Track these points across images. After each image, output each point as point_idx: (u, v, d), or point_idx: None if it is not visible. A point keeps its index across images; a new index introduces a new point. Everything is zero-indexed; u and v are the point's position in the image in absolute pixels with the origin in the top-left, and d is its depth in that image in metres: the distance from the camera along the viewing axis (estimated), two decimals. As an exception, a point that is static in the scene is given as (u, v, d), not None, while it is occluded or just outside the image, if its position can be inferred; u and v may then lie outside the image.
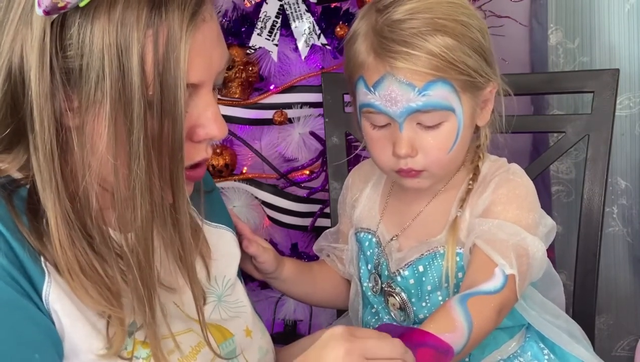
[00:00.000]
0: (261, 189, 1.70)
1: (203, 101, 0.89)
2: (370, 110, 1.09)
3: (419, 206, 1.18)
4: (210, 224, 1.09)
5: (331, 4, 1.66)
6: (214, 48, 0.89)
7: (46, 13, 0.79)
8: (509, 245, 1.06)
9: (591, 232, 1.42)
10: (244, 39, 1.65)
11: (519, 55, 1.98)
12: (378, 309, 1.20)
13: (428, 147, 1.08)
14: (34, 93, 0.83)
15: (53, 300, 0.86)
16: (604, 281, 1.77)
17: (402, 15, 1.05)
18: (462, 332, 0.99)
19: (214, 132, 0.91)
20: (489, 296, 1.03)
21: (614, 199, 1.97)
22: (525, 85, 1.49)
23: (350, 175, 1.31)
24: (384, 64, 1.05)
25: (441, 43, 1.04)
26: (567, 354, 1.15)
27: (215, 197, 1.15)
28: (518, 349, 1.15)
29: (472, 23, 1.07)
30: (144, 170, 0.84)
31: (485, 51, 1.09)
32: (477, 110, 1.11)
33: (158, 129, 0.84)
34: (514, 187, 1.11)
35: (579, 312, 1.41)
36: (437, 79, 1.04)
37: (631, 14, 1.90)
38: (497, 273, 1.04)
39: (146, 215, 0.86)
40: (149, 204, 0.86)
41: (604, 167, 1.41)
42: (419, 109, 1.05)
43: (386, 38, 1.05)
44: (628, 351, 2.03)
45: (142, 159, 0.84)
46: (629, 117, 1.94)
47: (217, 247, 1.08)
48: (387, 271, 1.17)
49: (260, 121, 1.69)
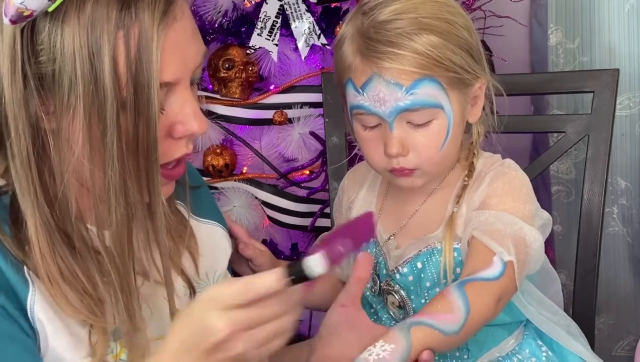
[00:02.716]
0: (261, 189, 1.70)
1: (181, 98, 0.89)
2: (360, 111, 1.09)
3: (415, 204, 1.18)
4: (199, 220, 1.09)
5: (331, 4, 1.66)
6: (188, 45, 0.88)
7: (12, 22, 0.79)
8: (507, 233, 1.06)
9: (591, 232, 1.42)
10: (244, 39, 1.65)
11: (519, 55, 1.98)
12: (377, 309, 1.21)
13: (419, 145, 1.08)
14: (7, 100, 0.83)
15: (38, 309, 0.86)
16: (604, 281, 1.77)
17: (387, 16, 1.06)
18: (459, 314, 0.99)
19: (194, 128, 0.90)
20: (487, 282, 1.03)
21: (614, 199, 1.97)
22: (525, 85, 1.49)
23: (345, 177, 1.31)
24: (370, 65, 1.06)
25: (426, 42, 1.04)
26: (565, 351, 1.16)
27: (204, 193, 1.15)
28: (516, 346, 1.15)
29: (457, 21, 1.08)
30: (117, 172, 0.84)
31: (471, 48, 1.09)
32: (467, 107, 1.12)
33: (132, 130, 0.84)
34: (510, 180, 1.12)
35: (579, 312, 1.41)
36: (423, 77, 1.05)
37: (631, 14, 1.90)
38: (495, 261, 1.04)
39: (121, 217, 0.86)
40: (123, 206, 0.86)
41: (604, 167, 1.41)
42: (407, 108, 1.06)
43: (372, 39, 1.06)
44: (628, 351, 2.03)
45: (116, 161, 0.84)
46: (629, 117, 1.94)
47: (207, 243, 1.08)
48: (385, 270, 1.17)
49: (260, 121, 1.69)
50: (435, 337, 0.98)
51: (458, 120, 1.10)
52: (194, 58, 0.90)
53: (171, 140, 0.90)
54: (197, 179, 1.15)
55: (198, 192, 1.11)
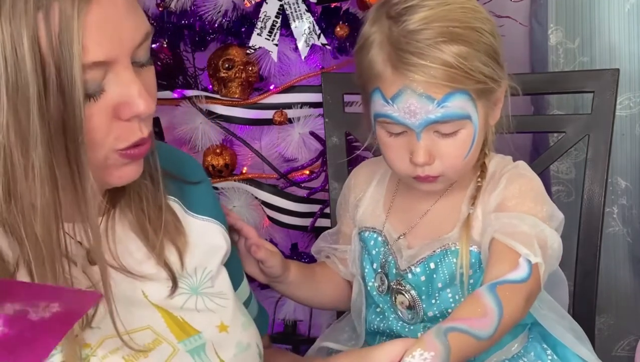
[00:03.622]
0: (261, 189, 1.70)
1: (123, 78, 0.87)
2: (387, 120, 1.09)
3: (427, 204, 1.18)
4: (193, 216, 1.08)
5: (331, 4, 1.66)
6: (122, 21, 0.86)
7: None
8: (532, 235, 1.06)
9: (591, 232, 1.42)
10: (244, 39, 1.65)
11: (519, 55, 1.97)
12: (383, 309, 1.20)
13: (445, 154, 1.09)
14: None
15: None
16: (604, 281, 1.76)
17: (417, 25, 1.05)
18: (492, 317, 0.99)
19: (140, 108, 0.88)
20: (517, 284, 1.02)
21: (614, 199, 1.97)
22: (525, 85, 1.48)
23: (352, 175, 1.30)
24: (401, 77, 1.05)
25: (457, 53, 1.04)
26: (569, 354, 1.16)
27: (204, 190, 1.13)
28: (521, 349, 1.15)
29: (485, 27, 1.08)
30: (42, 157, 0.83)
31: (497, 53, 1.09)
32: (490, 112, 1.12)
33: (57, 113, 0.82)
34: (526, 182, 1.13)
35: (579, 312, 1.41)
36: (455, 90, 1.05)
37: (631, 14, 1.90)
38: (521, 263, 1.04)
39: (47, 203, 0.84)
40: (49, 191, 0.84)
41: (604, 167, 1.41)
42: (437, 120, 1.06)
43: (403, 50, 1.05)
44: (628, 351, 2.03)
45: (40, 146, 0.82)
46: (629, 117, 1.94)
47: (200, 239, 1.06)
48: (395, 269, 1.17)
49: (260, 121, 1.69)
50: (470, 343, 0.98)
51: (482, 127, 1.10)
52: (131, 35, 0.87)
53: (121, 123, 0.88)
54: (198, 175, 1.14)
55: (197, 188, 1.10)
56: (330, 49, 1.66)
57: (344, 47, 1.66)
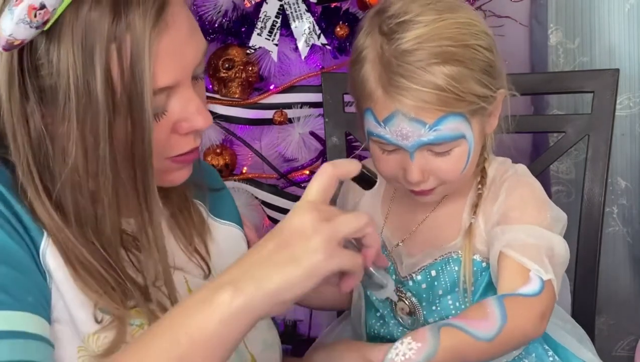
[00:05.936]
0: (261, 189, 1.70)
1: (184, 97, 0.90)
2: (380, 140, 1.07)
3: (425, 211, 1.17)
4: (219, 221, 1.11)
5: (331, 4, 1.66)
6: (185, 47, 0.88)
7: (6, 50, 0.81)
8: (540, 249, 1.06)
9: (591, 232, 1.42)
10: (244, 39, 1.65)
11: (519, 55, 1.97)
12: (384, 314, 1.20)
13: (439, 171, 1.07)
14: (5, 114, 0.86)
15: (49, 257, 0.87)
16: (604, 281, 1.76)
17: (409, 45, 1.02)
18: (493, 321, 0.99)
19: (199, 124, 0.91)
20: (527, 298, 1.02)
21: (614, 199, 1.97)
22: (525, 85, 1.48)
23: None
24: (393, 100, 1.02)
25: (449, 74, 1.01)
26: (571, 356, 1.15)
27: (226, 196, 1.17)
28: (523, 351, 1.15)
29: (480, 43, 1.05)
30: (110, 182, 0.86)
31: (494, 67, 1.06)
32: (486, 124, 1.10)
33: (126, 139, 0.85)
34: (527, 191, 1.12)
35: (579, 312, 1.41)
36: (447, 114, 1.03)
37: (631, 14, 1.90)
38: (532, 277, 1.03)
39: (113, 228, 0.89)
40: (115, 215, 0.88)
41: (604, 167, 1.41)
42: (430, 142, 1.04)
43: (394, 72, 1.02)
44: (628, 351, 2.03)
45: (109, 171, 0.85)
46: (629, 117, 1.94)
47: (223, 242, 1.10)
48: (395, 276, 1.16)
49: (260, 121, 1.69)
50: (466, 341, 0.98)
51: (478, 140, 1.08)
52: (193, 58, 0.90)
53: (178, 136, 0.91)
54: (218, 182, 1.18)
55: (219, 195, 1.14)
56: (330, 49, 1.66)
57: (344, 47, 1.66)
